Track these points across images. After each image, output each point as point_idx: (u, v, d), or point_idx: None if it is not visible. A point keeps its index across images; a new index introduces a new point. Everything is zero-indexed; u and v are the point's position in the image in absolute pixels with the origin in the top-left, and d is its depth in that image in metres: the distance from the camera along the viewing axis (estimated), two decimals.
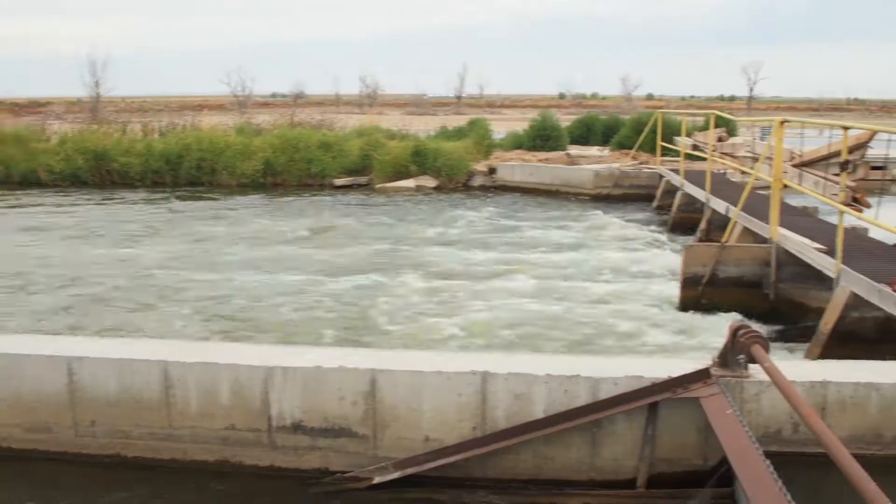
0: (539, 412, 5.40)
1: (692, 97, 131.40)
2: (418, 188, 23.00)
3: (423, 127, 34.33)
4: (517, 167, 23.79)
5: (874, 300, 7.65)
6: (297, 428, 5.61)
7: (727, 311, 10.02)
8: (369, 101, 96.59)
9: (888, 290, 7.47)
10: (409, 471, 5.39)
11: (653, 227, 17.05)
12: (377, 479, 5.41)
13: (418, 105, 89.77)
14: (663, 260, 13.45)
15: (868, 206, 10.52)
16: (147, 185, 23.69)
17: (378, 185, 23.28)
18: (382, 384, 5.47)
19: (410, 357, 5.84)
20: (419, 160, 23.51)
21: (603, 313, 10.26)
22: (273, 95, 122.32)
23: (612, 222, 17.58)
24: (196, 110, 46.79)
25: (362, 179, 23.74)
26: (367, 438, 5.56)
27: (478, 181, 23.83)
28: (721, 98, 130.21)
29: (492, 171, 24.03)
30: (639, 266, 13.10)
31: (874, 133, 10.22)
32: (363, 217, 18.28)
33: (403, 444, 5.53)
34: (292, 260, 13.51)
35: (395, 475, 5.40)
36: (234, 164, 23.69)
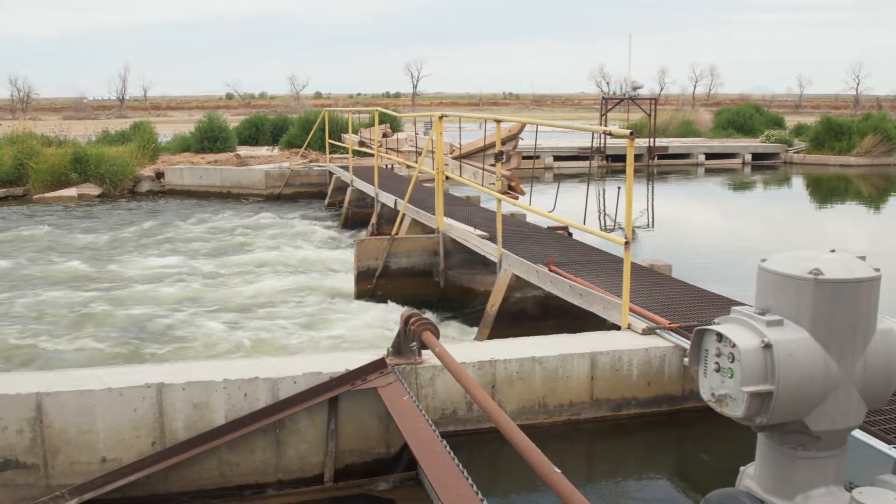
0: (220, 419, 5.32)
1: (359, 94, 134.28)
2: (81, 196, 21.81)
3: (84, 132, 32.65)
4: (186, 170, 23.25)
5: (533, 280, 8.24)
6: None
7: (401, 300, 10.36)
8: (22, 105, 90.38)
9: (545, 269, 8.06)
10: (87, 496, 5.12)
11: (326, 224, 17.28)
12: None
13: (77, 109, 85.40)
14: (337, 255, 13.66)
15: (523, 193, 11.26)
16: None
17: (36, 196, 21.82)
18: (49, 408, 5.12)
19: (78, 375, 5.49)
20: (80, 167, 22.38)
21: (279, 312, 10.26)
22: None
23: (285, 221, 17.61)
24: None
25: (18, 190, 22.19)
26: (38, 467, 5.20)
27: (145, 186, 23.04)
28: (387, 95, 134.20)
29: (159, 175, 23.33)
30: (313, 263, 13.22)
31: (524, 125, 10.95)
32: None
33: (78, 468, 5.22)
34: None
35: (73, 503, 5.10)
36: None
